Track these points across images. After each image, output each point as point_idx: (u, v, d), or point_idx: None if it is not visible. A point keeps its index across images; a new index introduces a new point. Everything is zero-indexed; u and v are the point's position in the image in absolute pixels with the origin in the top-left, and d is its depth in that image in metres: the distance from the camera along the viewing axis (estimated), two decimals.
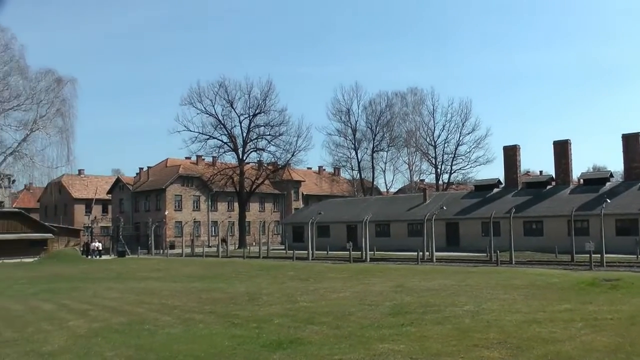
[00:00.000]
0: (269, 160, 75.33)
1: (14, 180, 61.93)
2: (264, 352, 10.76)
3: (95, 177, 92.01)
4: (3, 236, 58.87)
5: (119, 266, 41.50)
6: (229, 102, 72.25)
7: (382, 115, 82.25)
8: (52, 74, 56.40)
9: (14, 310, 18.28)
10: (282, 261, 42.74)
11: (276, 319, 14.37)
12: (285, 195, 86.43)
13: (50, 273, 36.82)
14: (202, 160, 79.51)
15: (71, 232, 71.59)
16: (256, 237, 70.35)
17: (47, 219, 79.96)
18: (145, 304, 18.48)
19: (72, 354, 11.34)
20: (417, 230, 49.61)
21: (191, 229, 71.34)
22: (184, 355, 10.65)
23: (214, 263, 42.18)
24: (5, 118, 54.20)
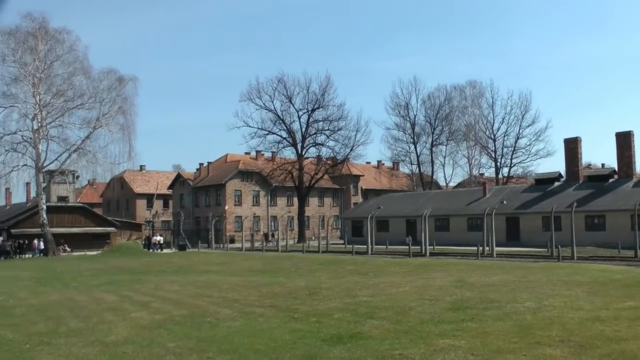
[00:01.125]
0: (328, 155, 75.49)
1: (78, 176, 63.57)
2: (324, 346, 10.74)
3: (157, 172, 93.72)
4: (68, 230, 60.63)
5: (179, 260, 42.10)
6: (288, 98, 72.74)
7: (441, 109, 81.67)
8: (114, 73, 57.84)
9: (79, 301, 18.68)
10: (341, 256, 42.78)
11: (336, 314, 14.33)
12: (344, 189, 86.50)
13: (113, 265, 37.60)
14: (261, 155, 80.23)
15: (133, 226, 73.32)
16: (315, 232, 70.66)
17: (109, 213, 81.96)
18: (206, 297, 18.67)
19: (135, 344, 11.52)
20: (477, 224, 49.18)
21: (251, 223, 72.07)
22: (244, 349, 10.71)
23: (273, 257, 42.45)
24: (70, 116, 55.88)
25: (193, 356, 10.32)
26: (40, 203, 55.17)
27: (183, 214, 70.85)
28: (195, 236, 68.40)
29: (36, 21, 54.12)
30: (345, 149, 73.19)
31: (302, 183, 72.92)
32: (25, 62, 53.74)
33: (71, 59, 55.88)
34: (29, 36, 53.65)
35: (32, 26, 53.88)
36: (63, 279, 27.99)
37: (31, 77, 53.46)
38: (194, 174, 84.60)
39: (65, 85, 55.23)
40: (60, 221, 61.44)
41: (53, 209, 60.08)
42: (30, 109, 54.13)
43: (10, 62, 53.62)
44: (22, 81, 53.75)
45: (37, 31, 53.79)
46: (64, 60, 55.61)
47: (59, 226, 60.21)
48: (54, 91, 54.74)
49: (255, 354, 10.26)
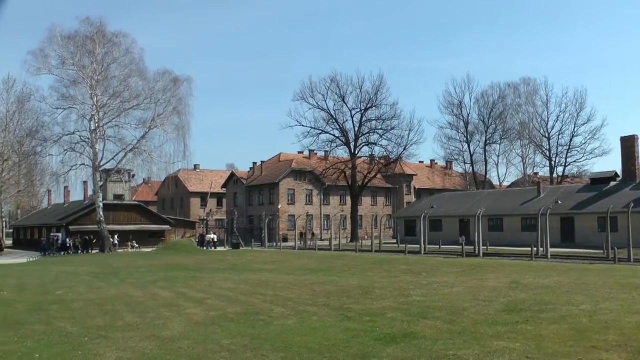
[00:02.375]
0: (381, 154, 75.02)
1: (133, 174, 64.89)
2: (377, 345, 10.75)
3: (210, 171, 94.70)
4: (123, 227, 61.80)
5: (233, 257, 42.48)
6: (341, 97, 72.64)
7: (494, 107, 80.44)
8: (169, 75, 58.81)
9: (135, 296, 19.06)
10: (394, 255, 42.61)
11: (389, 313, 14.33)
12: (397, 189, 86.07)
13: (168, 262, 38.19)
14: (314, 154, 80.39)
15: (187, 224, 74.26)
16: (368, 231, 70.54)
17: (164, 211, 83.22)
18: (260, 294, 18.82)
19: (190, 339, 11.71)
20: (531, 224, 48.39)
21: (304, 222, 72.17)
22: (298, 347, 10.78)
23: (326, 256, 42.51)
24: (126, 117, 57.16)
25: (247, 353, 10.43)
26: (97, 201, 56.41)
27: (236, 213, 71.37)
28: (248, 234, 68.81)
29: (94, 25, 55.56)
30: (398, 148, 72.82)
31: (355, 182, 72.74)
32: (83, 65, 55.17)
33: (127, 61, 57.26)
34: (87, 40, 55.04)
35: (90, 30, 55.35)
36: (119, 275, 28.57)
37: (89, 80, 54.81)
38: (248, 173, 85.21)
39: (121, 87, 56.53)
40: (116, 218, 62.70)
41: (109, 207, 61.28)
42: (88, 110, 55.56)
43: (69, 65, 55.15)
44: (80, 83, 55.18)
45: (94, 35, 55.16)
46: (120, 62, 57.04)
47: (115, 223, 61.47)
48: (110, 92, 56.09)
49: (309, 352, 10.31)
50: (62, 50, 55.27)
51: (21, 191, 79.67)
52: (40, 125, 58.33)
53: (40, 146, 59.19)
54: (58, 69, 55.23)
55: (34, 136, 59.62)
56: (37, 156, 63.00)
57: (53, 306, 17.20)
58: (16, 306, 17.53)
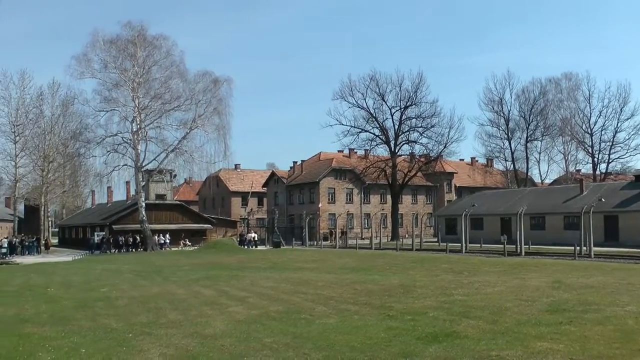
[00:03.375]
0: (421, 152, 74.42)
1: (175, 174, 65.63)
2: (419, 344, 10.72)
3: (251, 171, 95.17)
4: (166, 226, 62.57)
5: (274, 256, 42.61)
6: (380, 95, 72.33)
7: (535, 103, 79.39)
8: (209, 76, 59.39)
9: (178, 294, 19.29)
10: (435, 254, 42.35)
11: (431, 312, 14.28)
12: (438, 187, 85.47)
13: (209, 261, 38.47)
14: (354, 153, 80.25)
15: (228, 223, 74.80)
16: (409, 230, 70.26)
17: (205, 210, 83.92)
18: (301, 293, 18.90)
19: (232, 337, 11.83)
20: (574, 223, 47.68)
21: (344, 221, 72.12)
22: (340, 346, 10.80)
23: (367, 255, 42.43)
24: (167, 118, 58.02)
25: (289, 352, 10.48)
26: (140, 201, 57.25)
27: (277, 212, 71.61)
28: (289, 233, 69.00)
29: (135, 29, 56.55)
30: (439, 146, 72.11)
31: (396, 181, 72.42)
32: (125, 68, 56.13)
33: (168, 64, 58.08)
34: (129, 44, 56.02)
35: (132, 34, 56.36)
36: (162, 273, 28.94)
37: (131, 82, 55.77)
38: (288, 172, 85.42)
39: (162, 89, 57.36)
40: (158, 218, 63.48)
41: (151, 206, 62.08)
42: (130, 112, 56.57)
43: (111, 68, 56.28)
44: (123, 86, 56.22)
45: (136, 39, 56.13)
46: (161, 65, 57.91)
47: (157, 223, 62.24)
48: (152, 94, 56.94)
49: (351, 351, 10.33)
50: (104, 54, 56.46)
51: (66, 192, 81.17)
52: (84, 128, 59.61)
53: (84, 148, 60.42)
54: (101, 73, 56.45)
55: (78, 138, 60.80)
56: (81, 158, 64.21)
57: (98, 303, 17.56)
58: (63, 303, 17.93)
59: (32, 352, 11.03)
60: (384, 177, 72.36)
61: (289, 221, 76.50)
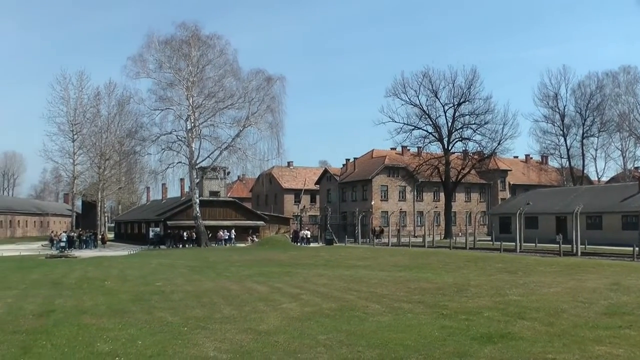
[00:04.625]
0: (475, 150, 73.80)
1: (228, 172, 66.38)
2: (474, 344, 10.61)
3: (304, 168, 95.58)
4: (219, 222, 63.31)
5: (327, 254, 42.61)
6: (433, 92, 71.91)
7: (592, 98, 77.78)
8: (262, 74, 59.88)
9: (232, 290, 19.42)
10: (488, 253, 41.87)
11: (485, 312, 14.10)
12: (492, 185, 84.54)
13: (263, 258, 38.66)
14: (407, 150, 79.88)
15: (281, 220, 75.26)
16: (462, 228, 69.63)
17: (258, 207, 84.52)
18: (354, 291, 18.85)
19: (286, 334, 11.87)
20: (632, 222, 46.71)
21: (397, 218, 71.93)
22: (394, 344, 10.75)
23: (420, 253, 42.18)
24: (221, 116, 58.88)
25: (343, 349, 10.48)
26: (194, 197, 58.09)
27: (330, 209, 71.76)
28: (342, 231, 69.13)
29: (189, 29, 57.50)
30: (492, 143, 71.40)
31: (449, 178, 71.92)
32: (179, 68, 57.15)
33: (221, 62, 58.94)
34: (183, 44, 56.98)
35: (186, 34, 57.32)
36: (216, 269, 29.22)
37: (185, 81, 56.72)
38: (341, 170, 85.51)
39: (216, 87, 58.21)
40: (212, 214, 64.22)
41: (205, 203, 62.91)
42: (184, 110, 57.62)
43: (166, 68, 57.41)
44: (177, 85, 57.21)
45: (190, 39, 57.04)
46: (214, 64, 58.76)
47: (211, 219, 62.97)
48: (205, 93, 57.81)
49: (405, 350, 10.29)
50: (159, 54, 57.61)
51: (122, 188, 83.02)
52: (139, 126, 60.66)
53: (139, 146, 61.46)
54: (156, 73, 57.72)
55: (134, 136, 61.87)
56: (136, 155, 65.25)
57: (154, 297, 17.83)
58: (120, 296, 18.28)
59: (91, 342, 11.32)
60: (437, 174, 71.93)
61: (341, 218, 76.54)
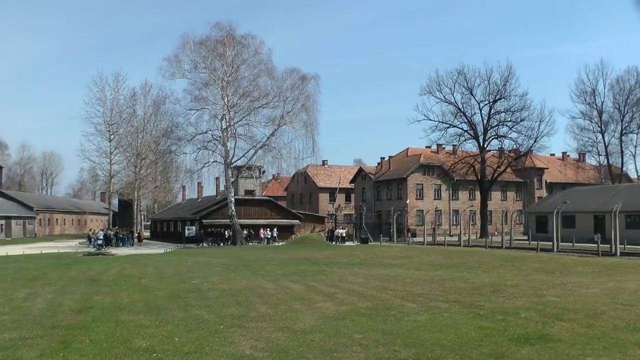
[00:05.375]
0: (511, 147, 72.96)
1: (264, 171, 66.75)
2: (511, 346, 10.49)
3: (338, 167, 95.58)
4: (254, 221, 63.72)
5: (362, 252, 42.59)
6: (469, 90, 71.39)
7: (631, 94, 75.89)
8: (297, 73, 60.09)
9: (267, 289, 19.45)
10: (525, 252, 41.44)
11: (522, 313, 13.93)
12: (528, 183, 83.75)
13: (298, 256, 38.77)
14: (442, 149, 79.58)
15: (316, 219, 75.39)
16: (498, 227, 69.07)
17: (293, 206, 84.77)
18: (390, 290, 18.80)
19: (322, 333, 11.87)
20: None
21: (432, 217, 71.55)
22: (430, 344, 10.70)
23: (455, 252, 41.95)
24: (255, 115, 59.25)
25: (379, 348, 10.46)
26: (229, 196, 58.49)
27: (365, 208, 71.71)
28: (377, 229, 69.03)
29: (224, 30, 57.95)
30: (529, 140, 70.59)
31: (485, 176, 71.37)
32: (214, 68, 57.60)
33: (256, 62, 59.27)
34: (218, 44, 57.42)
35: (221, 35, 57.78)
36: (251, 267, 29.32)
37: (220, 81, 57.16)
38: (375, 168, 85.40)
39: (251, 87, 58.53)
40: (247, 213, 64.63)
41: (241, 202, 63.36)
42: (219, 110, 58.04)
43: (201, 68, 58.02)
44: (212, 85, 57.70)
45: (225, 39, 57.45)
46: (249, 63, 59.15)
47: (246, 218, 63.42)
48: (240, 93, 58.13)
49: (441, 350, 10.23)
50: (194, 55, 58.16)
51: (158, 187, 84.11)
52: (175, 126, 61.24)
53: (175, 145, 62.07)
54: (191, 73, 58.30)
55: (169, 136, 62.51)
56: (172, 155, 66.04)
57: (190, 294, 17.98)
58: (156, 293, 18.47)
59: (129, 338, 11.48)
60: (473, 173, 71.47)
61: (376, 217, 76.44)
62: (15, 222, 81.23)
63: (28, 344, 11.11)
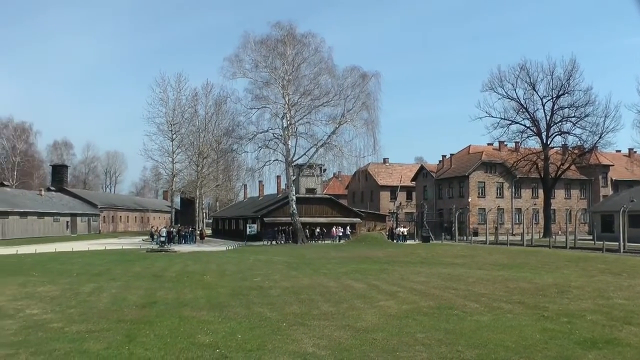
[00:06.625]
0: (575, 144, 71.20)
1: (324, 169, 66.79)
2: (577, 349, 10.32)
3: (399, 165, 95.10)
4: (315, 219, 63.90)
5: (423, 251, 42.41)
6: (531, 85, 69.80)
7: None
8: (357, 71, 59.86)
9: (329, 287, 19.57)
10: (590, 252, 40.49)
11: (588, 315, 13.67)
12: (593, 181, 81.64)
13: (359, 255, 38.81)
14: (504, 146, 78.28)
15: (377, 217, 75.19)
16: (562, 226, 67.69)
17: (354, 204, 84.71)
18: (452, 289, 18.70)
19: (385, 332, 11.90)
20: None
21: (495, 216, 70.61)
22: (494, 345, 10.63)
23: (518, 252, 41.36)
24: (316, 114, 59.23)
25: (442, 348, 10.45)
26: (290, 194, 58.80)
27: (426, 206, 71.22)
28: (438, 228, 68.49)
29: (284, 29, 58.28)
30: (593, 136, 68.47)
31: (548, 174, 69.95)
32: (275, 67, 58.03)
33: (316, 60, 59.47)
34: (279, 43, 57.82)
35: (281, 34, 58.14)
36: (312, 265, 29.56)
37: (280, 80, 57.57)
38: (437, 166, 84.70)
39: (311, 85, 58.74)
40: (308, 211, 64.82)
41: (302, 200, 63.57)
42: (280, 108, 58.45)
43: (262, 68, 58.50)
44: (273, 84, 58.15)
45: (285, 38, 57.80)
46: (310, 62, 59.37)
47: (307, 216, 63.59)
48: (301, 91, 58.46)
49: (505, 351, 10.15)
50: (255, 54, 58.77)
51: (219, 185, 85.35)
52: (236, 125, 62.03)
53: (236, 144, 62.82)
54: (252, 72, 58.94)
55: (231, 135, 63.31)
56: (233, 153, 66.94)
57: (252, 292, 18.21)
58: (218, 290, 18.77)
59: (192, 334, 11.73)
60: (536, 170, 70.07)
61: (437, 215, 75.77)
62: (80, 219, 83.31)
63: (94, 336, 11.50)
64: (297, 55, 58.30)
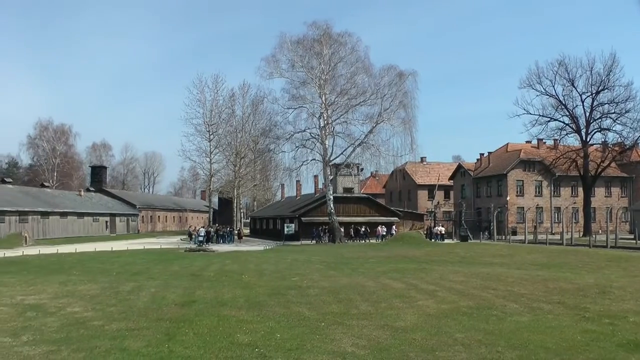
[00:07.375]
0: (615, 141, 69.93)
1: (362, 168, 66.81)
2: (620, 352, 10.16)
3: (437, 163, 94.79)
4: (352, 219, 63.97)
5: (462, 250, 42.21)
6: (570, 81, 68.73)
7: None
8: (394, 70, 59.69)
9: (367, 286, 19.51)
10: (631, 252, 39.90)
11: (631, 317, 13.44)
12: (634, 178, 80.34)
13: (397, 254, 38.72)
14: (543, 143, 77.43)
15: (415, 216, 74.98)
16: (602, 225, 66.73)
17: (392, 203, 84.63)
18: (491, 289, 18.55)
19: (423, 331, 11.88)
20: None
21: (533, 215, 69.91)
22: (534, 346, 10.54)
23: (558, 251, 40.88)
24: (353, 113, 59.19)
25: (482, 348, 10.40)
26: (328, 194, 58.86)
27: (464, 205, 70.76)
28: (477, 227, 67.99)
29: (320, 28, 58.34)
30: (634, 133, 67.19)
31: (588, 172, 68.89)
32: (311, 67, 58.20)
33: (353, 60, 59.39)
34: (315, 42, 57.92)
35: (317, 33, 58.26)
36: (351, 265, 29.51)
37: (317, 80, 57.68)
38: (475, 164, 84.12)
39: (348, 85, 58.69)
40: (345, 211, 64.92)
41: (339, 200, 63.63)
42: (317, 108, 58.70)
43: (298, 67, 58.69)
44: (309, 84, 58.27)
45: (321, 37, 57.91)
46: (346, 61, 59.30)
47: (345, 215, 63.69)
48: (338, 91, 58.50)
49: (546, 353, 10.06)
50: (291, 54, 58.94)
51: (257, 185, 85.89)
52: (273, 125, 62.19)
53: (273, 144, 63.07)
54: (288, 72, 59.19)
55: (268, 135, 63.55)
56: (271, 153, 67.21)
57: (290, 291, 18.23)
58: (257, 289, 18.84)
59: (231, 333, 11.83)
60: (575, 168, 69.06)
61: (476, 214, 75.21)
62: (119, 219, 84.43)
63: (134, 334, 11.68)
64: (334, 54, 58.35)
